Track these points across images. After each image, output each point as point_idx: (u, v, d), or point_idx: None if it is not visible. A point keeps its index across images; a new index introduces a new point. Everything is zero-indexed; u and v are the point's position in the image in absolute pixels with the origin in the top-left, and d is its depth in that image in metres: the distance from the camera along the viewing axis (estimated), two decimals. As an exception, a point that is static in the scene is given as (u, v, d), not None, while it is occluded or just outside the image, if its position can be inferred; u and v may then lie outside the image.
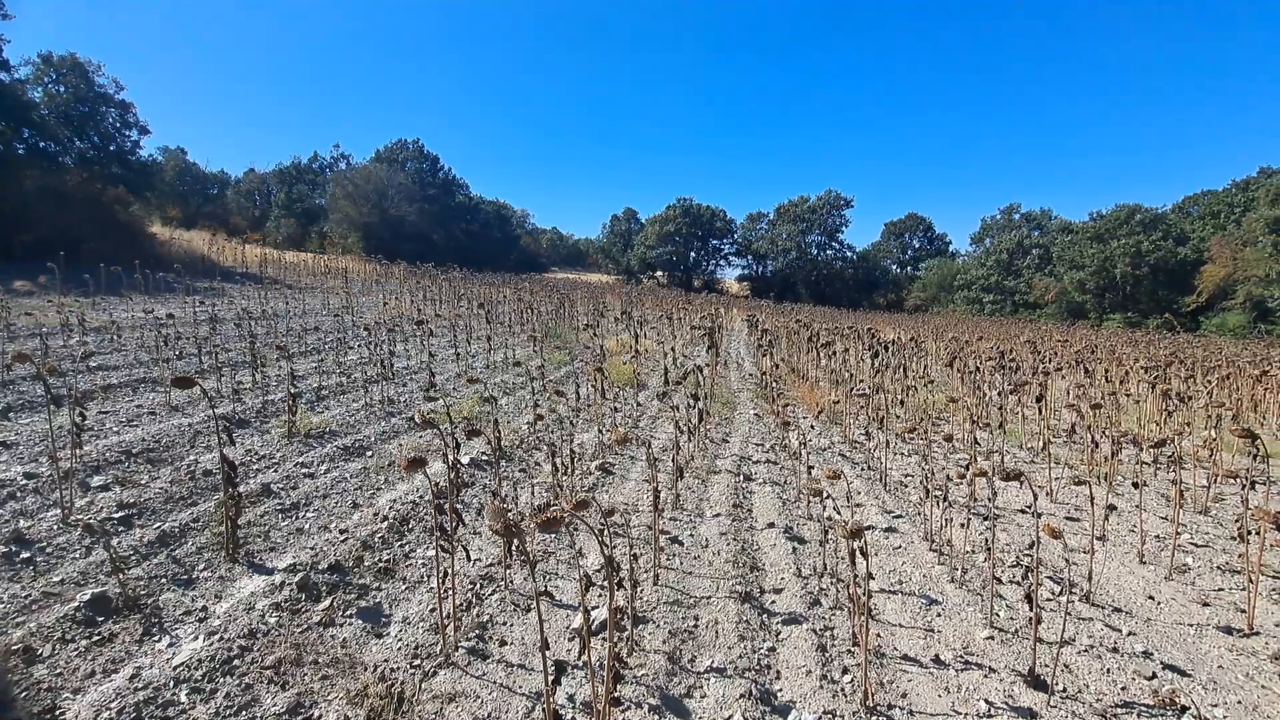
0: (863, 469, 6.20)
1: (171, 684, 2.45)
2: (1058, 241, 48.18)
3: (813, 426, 7.94)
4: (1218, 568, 4.14)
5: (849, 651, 2.99)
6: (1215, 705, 2.73)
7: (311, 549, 3.62)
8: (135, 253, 15.61)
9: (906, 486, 5.68)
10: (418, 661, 2.72)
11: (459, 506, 3.99)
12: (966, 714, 2.59)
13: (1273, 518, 2.46)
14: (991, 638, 3.16)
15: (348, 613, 3.07)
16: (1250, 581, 3.48)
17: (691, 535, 4.31)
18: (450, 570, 2.82)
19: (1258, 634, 3.31)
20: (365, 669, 2.64)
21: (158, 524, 3.72)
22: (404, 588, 3.38)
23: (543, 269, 64.15)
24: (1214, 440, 5.58)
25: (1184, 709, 2.18)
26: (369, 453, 5.43)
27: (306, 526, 3.95)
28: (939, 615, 3.40)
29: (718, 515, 4.67)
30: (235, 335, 9.87)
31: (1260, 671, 2.98)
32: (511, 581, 3.48)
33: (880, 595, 3.60)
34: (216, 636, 2.75)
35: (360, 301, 17.54)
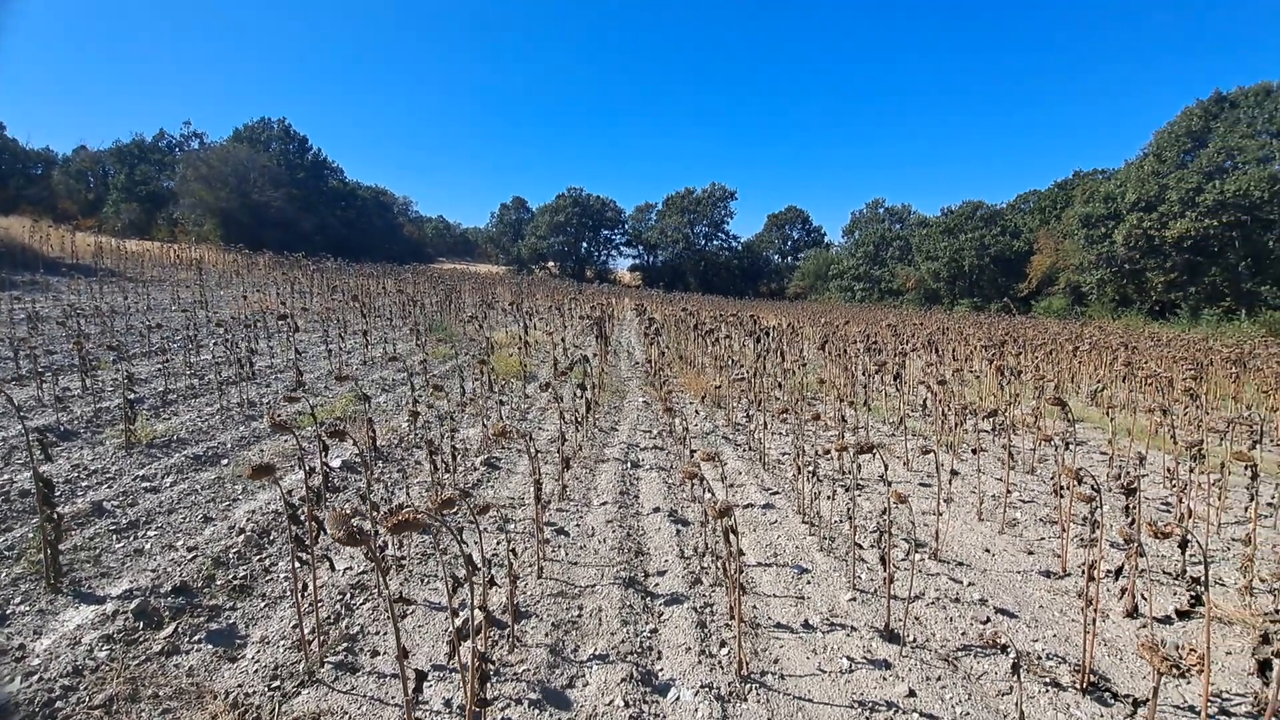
0: (744, 450, 6.48)
1: (-30, 740, 2.13)
2: (916, 234, 52.62)
3: (698, 411, 8.19)
4: (1040, 520, 4.73)
5: (726, 625, 3.13)
6: (1036, 640, 3.12)
7: (153, 571, 3.26)
8: (-74, 241, 13.22)
9: (783, 465, 6.01)
10: (277, 683, 2.53)
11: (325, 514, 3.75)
12: (831, 671, 2.79)
13: (1075, 474, 2.84)
14: (854, 599, 3.42)
15: (195, 638, 2.79)
16: (1063, 530, 4.01)
17: (578, 525, 4.31)
18: (312, 582, 2.64)
19: (1069, 575, 3.83)
20: (215, 697, 2.41)
21: (-47, 557, 3.19)
22: (263, 605, 3.12)
23: (429, 259, 61.34)
24: (1038, 408, 6.36)
25: (1004, 647, 2.48)
26: (225, 461, 4.96)
27: (147, 547, 3.55)
28: (809, 583, 3.63)
29: (605, 504, 4.70)
30: (61, 335, 8.64)
31: (1071, 608, 3.44)
32: (386, 589, 3.31)
33: (757, 569, 3.80)
34: (35, 678, 2.42)
35: (217, 295, 15.95)
